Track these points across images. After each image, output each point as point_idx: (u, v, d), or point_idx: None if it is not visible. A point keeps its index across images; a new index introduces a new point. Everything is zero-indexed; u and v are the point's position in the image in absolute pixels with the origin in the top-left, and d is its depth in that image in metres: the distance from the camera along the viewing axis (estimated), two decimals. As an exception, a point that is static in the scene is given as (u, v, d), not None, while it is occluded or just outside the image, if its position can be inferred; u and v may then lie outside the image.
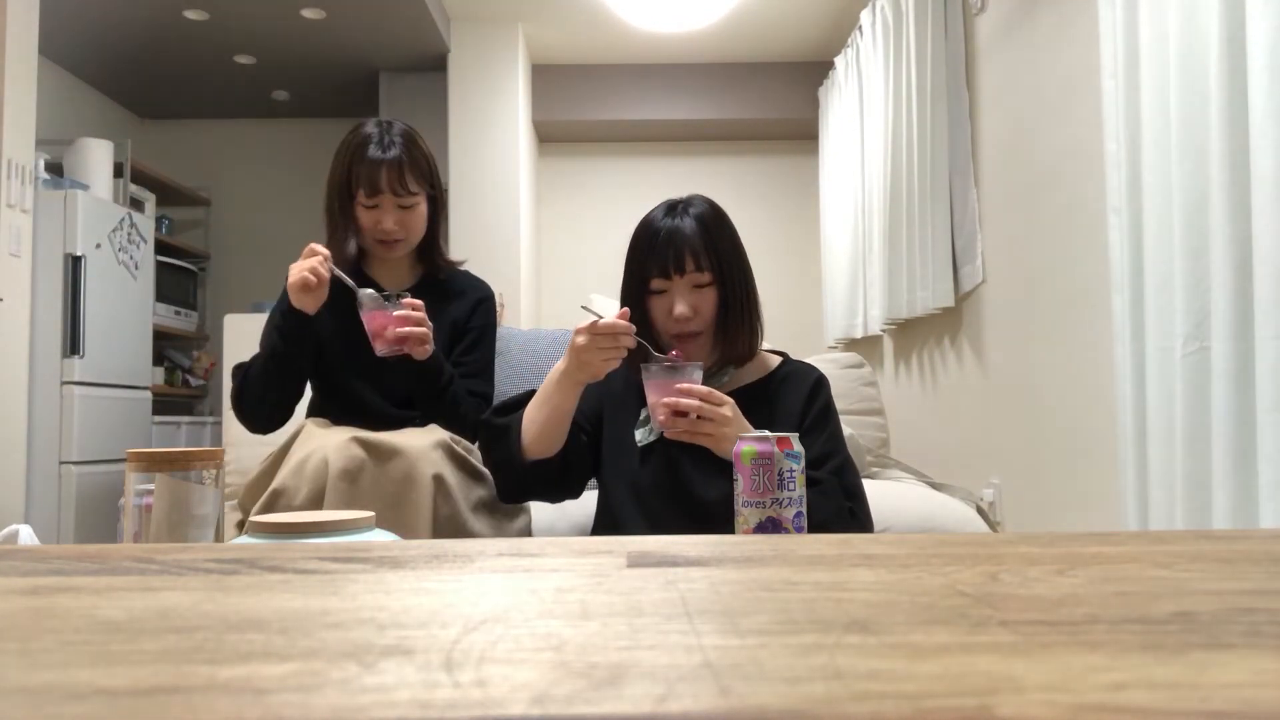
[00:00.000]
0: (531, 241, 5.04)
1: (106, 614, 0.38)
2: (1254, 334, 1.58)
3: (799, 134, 5.30)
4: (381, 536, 0.92)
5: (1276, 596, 0.40)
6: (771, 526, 1.06)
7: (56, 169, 4.01)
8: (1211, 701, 0.26)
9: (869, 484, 1.71)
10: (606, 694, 0.26)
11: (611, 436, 1.42)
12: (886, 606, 0.38)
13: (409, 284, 1.72)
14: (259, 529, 0.89)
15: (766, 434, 1.09)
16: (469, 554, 0.51)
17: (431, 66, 4.72)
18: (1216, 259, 1.65)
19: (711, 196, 1.43)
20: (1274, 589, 0.41)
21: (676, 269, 1.33)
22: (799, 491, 1.07)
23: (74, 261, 3.63)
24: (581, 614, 0.37)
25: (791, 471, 1.07)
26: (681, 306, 1.33)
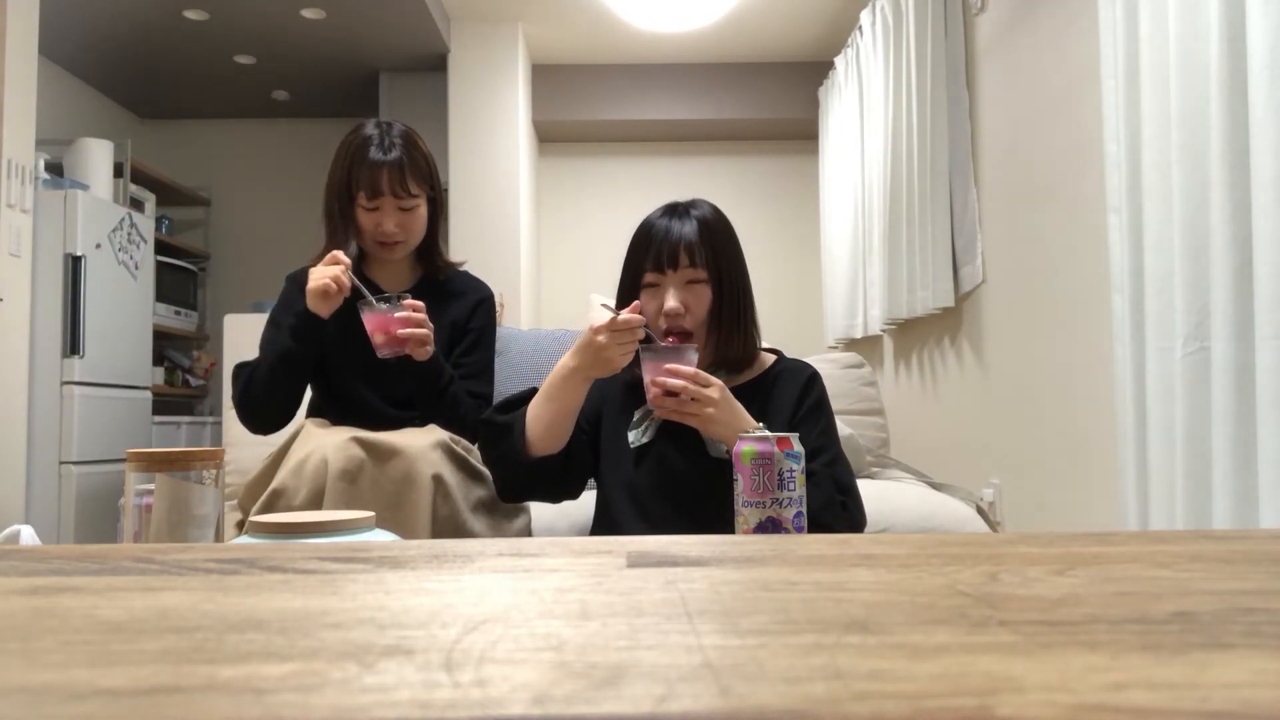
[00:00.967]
0: (531, 241, 5.04)
1: (107, 614, 0.38)
2: (1254, 334, 1.58)
3: (799, 134, 5.29)
4: (381, 536, 0.92)
5: (1276, 596, 0.40)
6: (771, 526, 1.06)
7: (56, 169, 4.01)
8: (1211, 701, 0.26)
9: (869, 484, 1.71)
10: (606, 694, 0.26)
11: (609, 438, 1.43)
12: (886, 606, 0.38)
13: (408, 285, 1.71)
14: (259, 529, 0.89)
15: (767, 434, 1.09)
16: (469, 554, 0.51)
17: (431, 66, 4.72)
18: (1216, 259, 1.65)
19: (711, 197, 1.43)
20: (1274, 589, 0.41)
21: (670, 264, 1.34)
22: (799, 492, 1.08)
23: (74, 261, 3.63)
24: (581, 614, 0.37)
25: (791, 471, 1.07)
26: (673, 301, 1.33)
